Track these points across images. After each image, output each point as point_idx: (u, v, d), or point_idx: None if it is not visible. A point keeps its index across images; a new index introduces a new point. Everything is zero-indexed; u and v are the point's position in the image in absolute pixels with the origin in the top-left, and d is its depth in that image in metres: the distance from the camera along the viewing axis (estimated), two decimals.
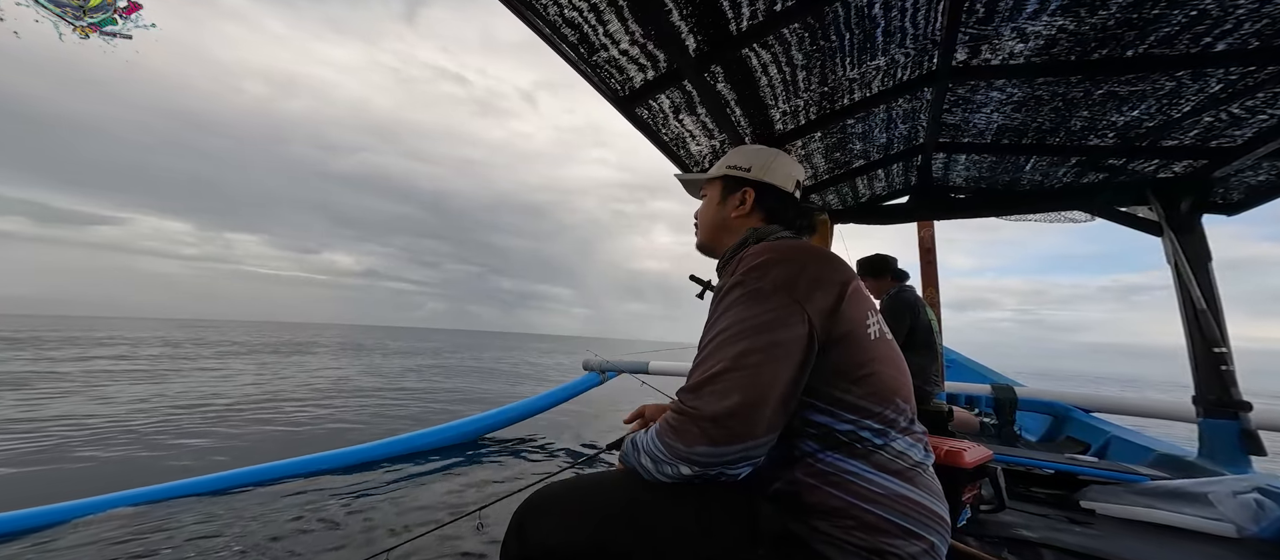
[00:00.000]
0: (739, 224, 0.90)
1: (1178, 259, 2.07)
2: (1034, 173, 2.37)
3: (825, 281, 0.67)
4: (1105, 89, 1.66)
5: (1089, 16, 1.35)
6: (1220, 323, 1.98)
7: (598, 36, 1.33)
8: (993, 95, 1.81)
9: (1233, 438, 1.88)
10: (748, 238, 0.85)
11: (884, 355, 0.70)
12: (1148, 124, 1.82)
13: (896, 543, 0.61)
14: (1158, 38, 1.39)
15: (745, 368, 0.61)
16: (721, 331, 0.66)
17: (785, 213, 0.90)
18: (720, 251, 0.92)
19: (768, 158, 0.91)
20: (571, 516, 0.73)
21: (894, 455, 0.65)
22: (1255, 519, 1.35)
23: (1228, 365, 1.94)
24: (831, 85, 1.70)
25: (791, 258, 0.69)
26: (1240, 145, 1.79)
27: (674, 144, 1.89)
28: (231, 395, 6.43)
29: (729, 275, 0.73)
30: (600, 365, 4.49)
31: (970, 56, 1.61)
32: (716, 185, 0.94)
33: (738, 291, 0.67)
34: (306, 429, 4.79)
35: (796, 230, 0.89)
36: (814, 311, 0.64)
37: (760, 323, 0.63)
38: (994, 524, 1.34)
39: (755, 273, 0.68)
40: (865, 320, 0.69)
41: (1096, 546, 1.22)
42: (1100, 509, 1.53)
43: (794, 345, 0.62)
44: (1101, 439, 2.58)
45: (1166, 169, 2.09)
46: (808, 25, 1.37)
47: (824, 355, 0.65)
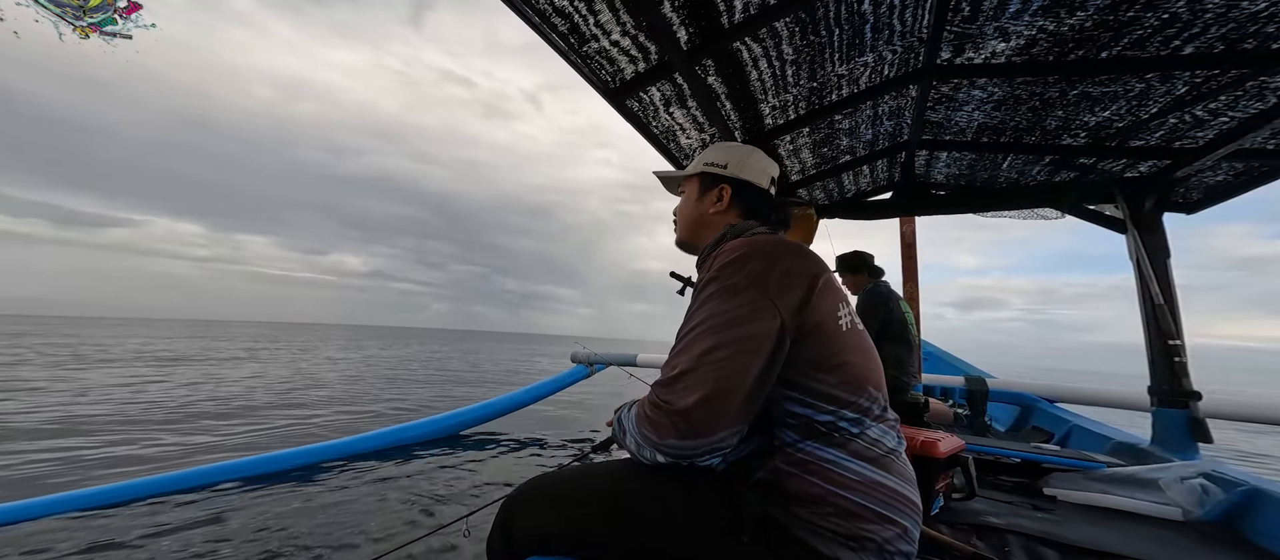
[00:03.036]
0: (716, 220, 0.91)
1: (1140, 256, 2.18)
2: (1010, 171, 2.44)
3: (795, 275, 0.69)
4: (1080, 89, 1.72)
5: (1068, 17, 1.38)
6: (1176, 317, 2.09)
7: (588, 27, 1.30)
8: (975, 94, 1.85)
9: (1183, 426, 1.98)
10: (725, 234, 0.86)
11: (856, 345, 0.72)
12: (1117, 124, 1.89)
13: (872, 527, 0.64)
14: (1131, 39, 1.43)
15: (714, 363, 0.62)
16: (695, 326, 0.67)
17: (761, 208, 0.92)
18: (699, 247, 0.94)
19: (743, 155, 0.93)
20: (558, 509, 0.74)
21: (869, 442, 0.68)
22: (1200, 503, 1.45)
23: (1181, 357, 2.06)
24: (820, 81, 1.71)
25: (764, 253, 0.70)
26: (1202, 146, 1.88)
27: (664, 137, 1.87)
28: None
29: (707, 271, 0.75)
30: (588, 358, 4.50)
31: (954, 55, 1.64)
32: (694, 182, 0.96)
33: (713, 287, 0.69)
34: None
35: (772, 225, 0.91)
36: (785, 306, 0.65)
37: (731, 317, 0.65)
38: (964, 511, 1.40)
39: (730, 268, 0.69)
40: (836, 312, 0.71)
41: (1056, 532, 1.29)
42: (1061, 495, 1.62)
43: (763, 339, 0.63)
44: (1064, 428, 2.71)
45: (1133, 169, 2.18)
46: (799, 19, 1.37)
47: (797, 347, 0.67)
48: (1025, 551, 1.19)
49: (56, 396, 5.49)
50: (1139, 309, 2.19)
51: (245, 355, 12.95)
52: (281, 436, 4.09)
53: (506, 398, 4.45)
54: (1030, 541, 1.24)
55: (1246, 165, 1.99)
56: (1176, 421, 2.01)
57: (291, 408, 5.47)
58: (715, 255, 0.76)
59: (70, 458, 3.23)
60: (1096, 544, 1.23)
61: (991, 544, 1.21)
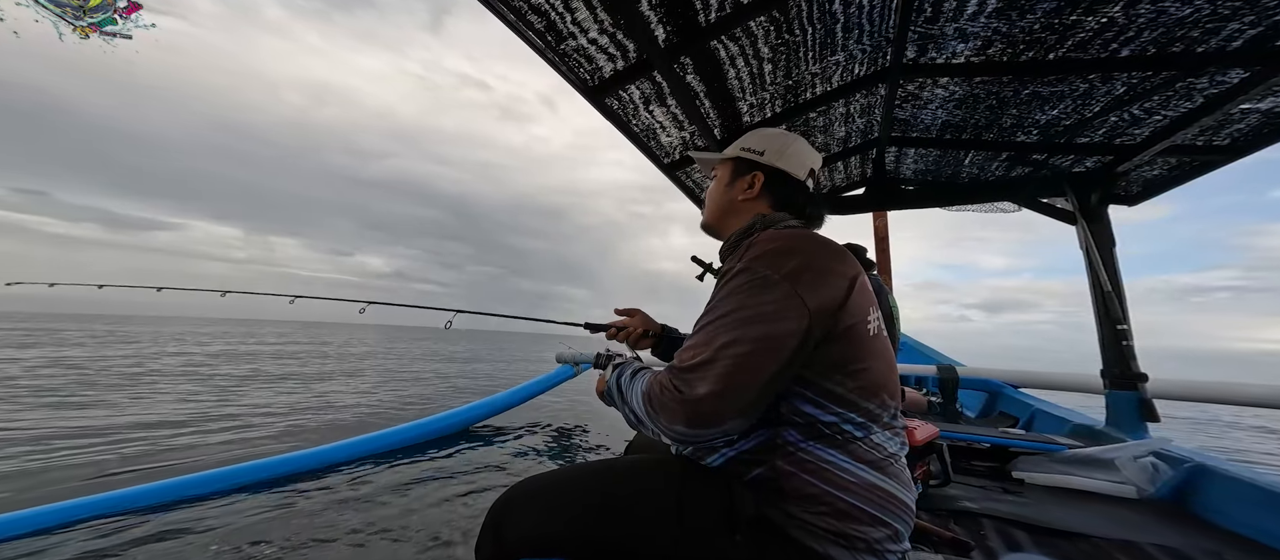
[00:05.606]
0: (745, 208, 0.87)
1: (1089, 246, 2.32)
2: (971, 166, 2.57)
3: (834, 275, 0.66)
4: (1031, 89, 1.83)
5: (1019, 20, 1.47)
6: (1123, 303, 2.24)
7: (565, 25, 1.30)
8: (938, 92, 1.95)
9: (1133, 407, 2.10)
10: (754, 224, 0.83)
11: (879, 351, 0.70)
12: (1065, 122, 2.02)
13: (864, 528, 0.64)
14: (1075, 42, 1.53)
15: (732, 358, 0.61)
16: (721, 315, 0.65)
17: (795, 200, 0.87)
18: (725, 234, 0.90)
19: (783, 143, 0.88)
20: (548, 510, 0.72)
21: (871, 446, 0.67)
22: (1152, 481, 1.56)
23: (1128, 340, 2.20)
24: (795, 79, 1.76)
25: (804, 250, 0.68)
26: (1139, 143, 2.03)
27: (644, 135, 1.88)
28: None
29: (736, 259, 0.72)
30: (573, 358, 4.47)
31: (919, 54, 1.72)
32: (728, 166, 0.91)
33: (743, 278, 0.67)
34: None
35: (807, 219, 0.87)
36: (817, 305, 0.63)
37: (758, 313, 0.63)
38: (941, 497, 1.45)
39: (763, 260, 0.67)
40: (867, 316, 0.69)
41: (1026, 514, 1.36)
42: (1028, 478, 1.70)
43: (787, 339, 0.62)
44: (1028, 412, 2.85)
45: (1080, 164, 2.33)
46: (773, 19, 1.41)
47: (823, 348, 0.65)
48: (999, 534, 1.25)
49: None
50: (1089, 296, 2.34)
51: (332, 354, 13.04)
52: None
53: (491, 400, 4.36)
54: (1003, 524, 1.31)
55: (1179, 160, 2.16)
56: (1128, 402, 2.12)
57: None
58: (748, 244, 0.73)
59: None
60: (1063, 524, 1.30)
61: (968, 528, 1.26)
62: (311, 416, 4.81)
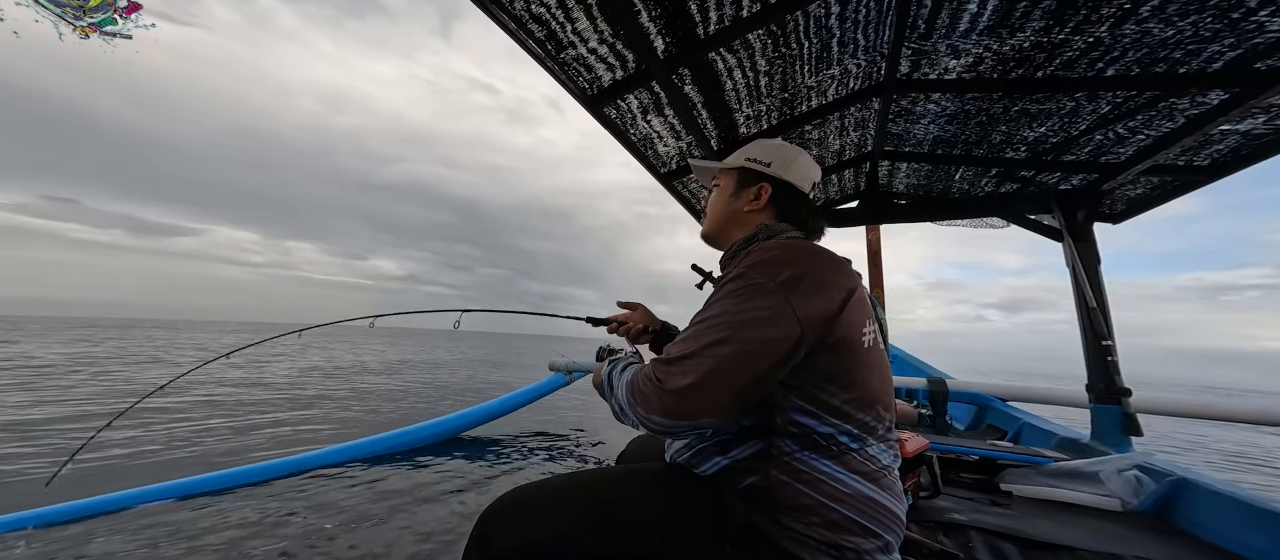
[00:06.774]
0: (749, 218, 0.88)
1: (1074, 262, 2.36)
2: (962, 181, 2.62)
3: (829, 286, 0.67)
4: (1020, 106, 1.87)
5: (1010, 38, 1.51)
6: (1107, 319, 2.28)
7: (566, 34, 1.31)
8: (930, 107, 1.98)
9: (1116, 421, 2.13)
10: (756, 233, 0.84)
11: (874, 364, 0.71)
12: (1052, 140, 2.07)
13: (855, 540, 0.64)
14: (1063, 61, 1.57)
15: (716, 357, 0.62)
16: (712, 317, 0.66)
17: (798, 212, 0.88)
18: (726, 244, 0.91)
19: (789, 156, 0.89)
20: (538, 519, 0.71)
21: (865, 458, 0.68)
22: (1136, 494, 1.58)
23: (1113, 356, 2.24)
24: (791, 91, 1.78)
25: (799, 260, 0.69)
26: (1124, 162, 2.08)
27: (642, 144, 1.89)
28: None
29: (734, 267, 0.72)
30: (566, 366, 4.44)
31: (912, 70, 1.75)
32: (731, 176, 0.92)
33: (739, 283, 0.67)
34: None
35: (808, 231, 0.88)
36: (809, 315, 0.63)
37: (749, 317, 0.63)
38: (930, 510, 1.46)
39: (759, 268, 0.67)
40: (862, 328, 0.70)
41: (1014, 526, 1.37)
42: (1016, 490, 1.72)
43: (774, 346, 0.62)
44: (1016, 425, 2.87)
45: (1066, 181, 2.38)
46: (770, 32, 1.43)
47: (815, 358, 0.66)
48: (987, 547, 1.25)
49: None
50: (1075, 312, 2.38)
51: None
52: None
53: (487, 406, 4.32)
54: (991, 537, 1.31)
55: (1161, 180, 2.21)
56: (1111, 416, 2.16)
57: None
58: (747, 253, 0.73)
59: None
60: (1050, 537, 1.31)
61: (957, 540, 1.26)
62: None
